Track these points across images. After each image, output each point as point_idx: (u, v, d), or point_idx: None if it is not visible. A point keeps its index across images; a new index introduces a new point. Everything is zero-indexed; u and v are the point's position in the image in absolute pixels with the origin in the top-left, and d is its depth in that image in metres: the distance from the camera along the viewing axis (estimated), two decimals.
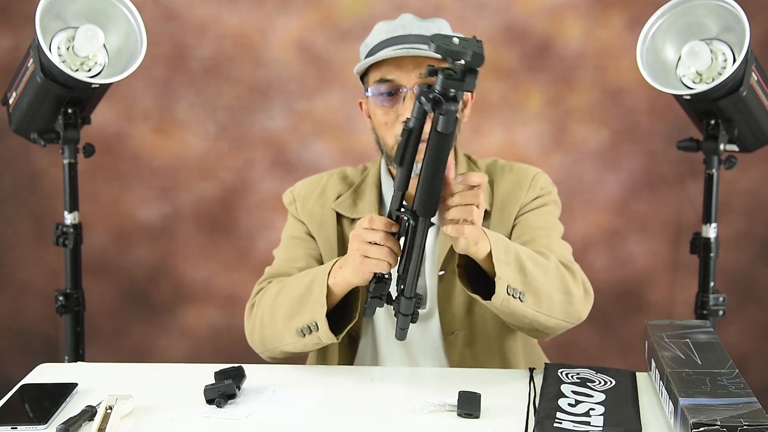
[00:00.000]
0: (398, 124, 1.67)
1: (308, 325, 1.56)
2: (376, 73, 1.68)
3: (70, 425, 1.28)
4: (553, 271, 1.57)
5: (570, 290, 1.59)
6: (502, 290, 1.48)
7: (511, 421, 1.33)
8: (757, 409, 1.19)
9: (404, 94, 1.66)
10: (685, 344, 1.45)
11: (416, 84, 1.65)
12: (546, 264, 1.56)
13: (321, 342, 1.57)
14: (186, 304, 2.94)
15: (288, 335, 1.59)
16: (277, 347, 1.64)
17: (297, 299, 1.58)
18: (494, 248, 1.46)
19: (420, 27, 1.71)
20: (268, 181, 2.87)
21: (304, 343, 1.58)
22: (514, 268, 1.50)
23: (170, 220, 2.91)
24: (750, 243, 2.87)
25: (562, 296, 1.57)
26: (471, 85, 1.24)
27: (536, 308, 1.53)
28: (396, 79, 1.66)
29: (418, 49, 1.63)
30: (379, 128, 1.71)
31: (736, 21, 2.05)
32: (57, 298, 2.31)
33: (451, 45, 1.20)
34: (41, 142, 2.24)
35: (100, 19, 2.12)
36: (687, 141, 2.33)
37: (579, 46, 2.81)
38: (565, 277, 1.59)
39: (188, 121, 2.87)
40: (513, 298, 1.49)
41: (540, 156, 2.83)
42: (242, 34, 2.83)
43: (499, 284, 1.47)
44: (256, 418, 1.35)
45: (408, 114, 1.64)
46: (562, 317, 1.58)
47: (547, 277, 1.55)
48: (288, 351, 1.64)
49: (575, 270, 1.64)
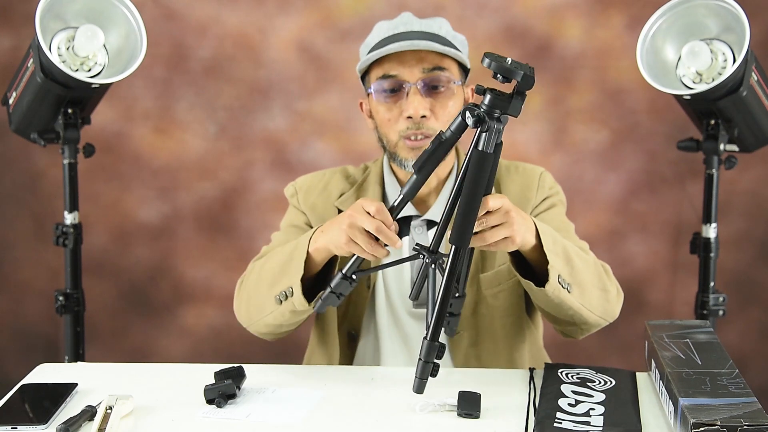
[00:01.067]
0: (401, 120, 1.67)
1: (284, 291, 1.55)
2: (378, 70, 1.69)
3: (70, 425, 1.28)
4: (592, 267, 1.59)
5: (606, 287, 1.61)
6: (554, 279, 1.49)
7: (511, 421, 1.33)
8: (757, 409, 1.19)
9: (407, 89, 1.66)
10: (685, 344, 1.45)
11: (419, 79, 1.65)
12: (587, 258, 1.58)
13: (295, 309, 1.55)
14: (186, 304, 2.94)
15: (269, 304, 1.59)
16: (260, 319, 1.64)
17: (279, 267, 1.58)
18: (544, 239, 1.46)
19: (421, 24, 1.71)
20: (268, 181, 2.87)
21: (281, 311, 1.58)
22: (563, 259, 1.51)
23: (170, 220, 2.91)
24: (750, 243, 2.87)
25: (600, 292, 1.59)
26: (516, 109, 1.26)
27: (581, 301, 1.55)
28: (399, 74, 1.66)
29: (423, 43, 1.63)
30: (381, 125, 1.71)
31: (736, 21, 2.05)
32: (57, 298, 2.31)
33: (505, 63, 1.21)
34: (41, 142, 2.24)
35: (100, 19, 2.12)
36: (687, 141, 2.33)
37: (579, 46, 2.81)
38: (602, 274, 1.61)
39: (188, 121, 2.87)
40: (563, 288, 1.50)
41: (540, 156, 2.83)
42: (242, 34, 2.83)
43: (552, 272, 1.48)
44: (256, 418, 1.35)
45: (412, 110, 1.64)
46: (600, 313, 1.60)
47: (589, 273, 1.56)
48: (269, 323, 1.63)
49: (608, 268, 1.66)
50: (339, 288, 1.47)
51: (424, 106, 1.65)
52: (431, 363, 1.31)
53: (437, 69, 1.66)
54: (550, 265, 1.47)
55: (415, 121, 1.65)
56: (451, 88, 1.68)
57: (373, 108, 1.73)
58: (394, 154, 1.71)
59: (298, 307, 1.54)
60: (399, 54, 1.66)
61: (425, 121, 1.66)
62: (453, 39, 1.72)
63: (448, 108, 1.68)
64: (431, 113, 1.66)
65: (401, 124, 1.67)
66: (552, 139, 2.85)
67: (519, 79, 1.22)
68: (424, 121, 1.66)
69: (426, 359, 1.30)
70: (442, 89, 1.67)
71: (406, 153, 1.69)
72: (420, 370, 1.31)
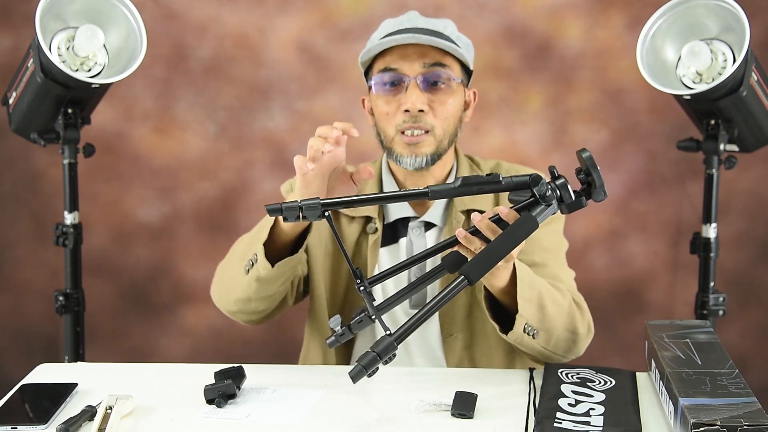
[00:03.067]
0: (399, 113, 1.67)
1: (251, 258, 1.56)
2: (380, 63, 1.69)
3: (70, 425, 1.28)
4: (566, 311, 1.58)
5: (576, 330, 1.60)
6: (520, 328, 1.50)
7: (511, 421, 1.33)
8: (757, 409, 1.19)
9: (407, 83, 1.66)
10: (685, 344, 1.45)
11: (419, 74, 1.65)
12: (562, 303, 1.57)
13: (260, 275, 1.56)
14: (186, 304, 2.94)
15: (239, 276, 1.61)
16: (231, 295, 1.65)
17: (249, 240, 1.62)
18: (520, 285, 1.46)
19: (426, 22, 1.71)
20: (268, 181, 2.87)
21: (248, 281, 1.59)
22: (535, 305, 1.50)
23: (170, 220, 2.91)
24: (750, 243, 2.87)
25: (568, 335, 1.59)
26: (571, 206, 1.33)
27: (544, 345, 1.56)
28: (399, 68, 1.66)
29: (424, 38, 1.63)
30: (380, 119, 1.72)
31: (736, 21, 2.05)
32: (57, 298, 2.31)
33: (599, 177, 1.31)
34: (41, 142, 2.24)
35: (100, 19, 2.12)
36: (687, 141, 2.33)
37: (579, 46, 2.81)
38: (574, 317, 1.60)
39: (188, 121, 2.87)
40: (527, 336, 1.51)
41: (540, 156, 2.83)
42: (242, 34, 2.83)
43: (519, 321, 1.49)
44: (256, 418, 1.35)
45: (409, 104, 1.64)
46: (562, 353, 1.61)
47: (561, 317, 1.56)
48: (238, 297, 1.63)
49: (584, 308, 1.65)
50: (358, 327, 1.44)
51: (422, 100, 1.65)
52: (381, 361, 1.26)
53: (438, 65, 1.67)
54: (519, 313, 1.48)
55: (413, 114, 1.66)
56: (451, 86, 1.68)
57: (372, 102, 1.73)
58: (390, 150, 1.71)
59: (262, 272, 1.55)
60: (401, 48, 1.66)
61: (423, 115, 1.66)
62: (458, 39, 1.73)
63: (447, 105, 1.68)
64: (429, 108, 1.66)
65: (398, 118, 1.67)
66: (552, 139, 2.85)
67: (596, 197, 1.32)
68: (421, 116, 1.66)
69: (379, 354, 1.25)
70: (442, 86, 1.67)
71: (402, 149, 1.69)
72: (367, 362, 1.24)
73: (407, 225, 1.75)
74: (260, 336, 2.93)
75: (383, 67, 1.68)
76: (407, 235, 1.74)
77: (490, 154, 1.82)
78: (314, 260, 1.78)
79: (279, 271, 1.56)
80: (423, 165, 1.69)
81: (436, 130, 1.68)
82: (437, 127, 1.68)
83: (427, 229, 1.74)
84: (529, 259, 1.70)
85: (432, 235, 1.75)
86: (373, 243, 1.74)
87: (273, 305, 1.68)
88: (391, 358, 1.26)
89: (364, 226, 1.76)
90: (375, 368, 1.25)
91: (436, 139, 1.68)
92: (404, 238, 1.74)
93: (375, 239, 1.75)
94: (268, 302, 1.66)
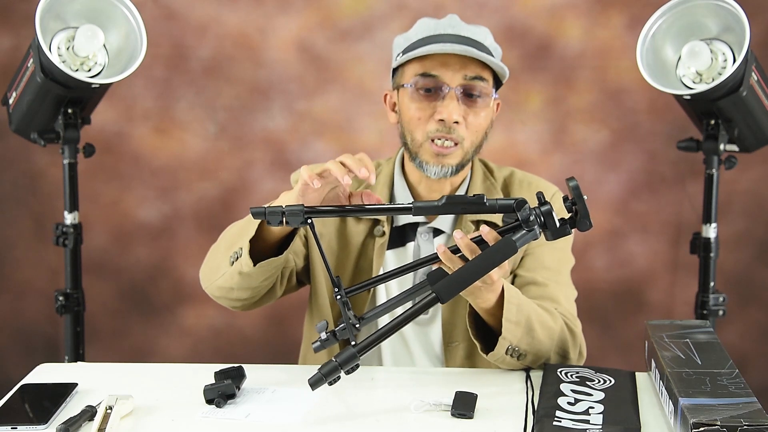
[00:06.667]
0: (432, 121, 1.65)
1: (236, 251, 1.56)
2: (418, 66, 1.66)
3: (70, 425, 1.28)
4: (557, 335, 1.58)
5: (567, 354, 1.61)
6: (502, 350, 1.50)
7: (510, 421, 1.33)
8: (757, 409, 1.19)
9: (445, 93, 1.64)
10: (685, 344, 1.45)
11: (459, 85, 1.63)
12: (552, 328, 1.57)
13: (242, 270, 1.55)
14: (186, 304, 2.94)
15: (224, 265, 1.60)
16: (215, 281, 1.64)
17: (238, 231, 1.60)
18: (506, 307, 1.46)
19: (468, 30, 1.69)
20: (268, 181, 2.87)
21: (231, 273, 1.58)
22: (523, 328, 1.50)
23: (170, 220, 2.91)
24: (750, 243, 2.87)
25: (558, 358, 1.60)
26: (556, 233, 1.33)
27: (531, 365, 1.56)
28: (440, 76, 1.64)
29: (473, 51, 1.61)
30: (409, 122, 1.69)
31: (736, 21, 2.05)
32: (57, 298, 2.31)
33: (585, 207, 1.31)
34: (41, 142, 2.24)
35: (100, 19, 2.12)
36: (687, 141, 2.33)
37: (579, 46, 2.81)
38: (565, 342, 1.60)
39: (188, 121, 2.87)
40: (510, 358, 1.51)
41: (540, 156, 2.83)
42: (242, 34, 2.83)
43: (502, 343, 1.49)
44: (256, 418, 1.35)
45: (446, 114, 1.62)
46: None
47: (551, 341, 1.56)
48: (222, 285, 1.62)
49: (576, 333, 1.65)
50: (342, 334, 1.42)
51: (459, 112, 1.63)
52: (342, 371, 1.31)
53: (478, 78, 1.65)
54: (503, 335, 1.48)
55: (447, 125, 1.64)
56: (487, 101, 1.67)
57: (402, 103, 1.70)
58: (416, 155, 1.69)
59: (244, 268, 1.54)
60: (443, 55, 1.64)
61: (456, 127, 1.64)
62: (494, 51, 1.72)
63: (480, 118, 1.67)
64: (463, 120, 1.64)
65: (431, 125, 1.65)
66: (552, 139, 2.85)
67: (581, 227, 1.31)
68: (455, 127, 1.64)
69: (340, 364, 1.30)
70: (479, 99, 1.66)
71: (429, 157, 1.67)
72: (328, 371, 1.30)
73: (416, 230, 1.74)
74: (260, 336, 2.93)
75: (422, 72, 1.65)
76: (415, 239, 1.74)
77: (490, 154, 1.81)
78: (316, 258, 1.77)
79: (261, 270, 1.56)
80: (448, 175, 1.68)
81: (465, 142, 1.66)
82: (467, 140, 1.66)
83: (435, 235, 1.73)
84: (530, 276, 1.69)
85: (440, 241, 1.72)
86: (379, 246, 1.74)
87: (257, 296, 1.66)
88: (353, 369, 1.31)
89: (371, 228, 1.75)
90: (336, 377, 1.31)
91: (464, 150, 1.67)
92: (412, 242, 1.74)
93: (382, 242, 1.74)
94: (252, 293, 1.64)
